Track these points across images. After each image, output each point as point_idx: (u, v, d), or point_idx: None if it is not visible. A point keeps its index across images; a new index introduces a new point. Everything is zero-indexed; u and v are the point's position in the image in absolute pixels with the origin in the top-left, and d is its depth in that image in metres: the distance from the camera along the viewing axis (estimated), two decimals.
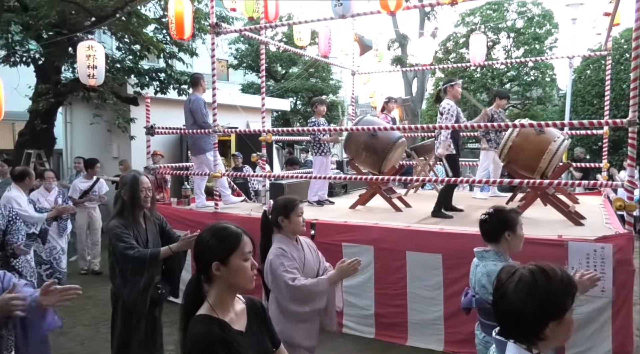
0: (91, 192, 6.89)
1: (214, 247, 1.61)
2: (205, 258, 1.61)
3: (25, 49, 8.26)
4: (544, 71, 17.04)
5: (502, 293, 1.35)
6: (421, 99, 18.48)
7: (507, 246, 2.54)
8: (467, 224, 4.77)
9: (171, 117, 8.71)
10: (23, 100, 8.60)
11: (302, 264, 2.72)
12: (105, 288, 6.07)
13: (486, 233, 2.60)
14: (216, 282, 1.61)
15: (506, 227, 2.52)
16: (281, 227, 2.76)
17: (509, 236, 2.51)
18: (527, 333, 1.32)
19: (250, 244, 1.65)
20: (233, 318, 1.62)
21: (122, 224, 2.99)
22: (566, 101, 11.20)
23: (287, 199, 2.86)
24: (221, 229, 1.65)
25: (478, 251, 2.62)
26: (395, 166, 6.13)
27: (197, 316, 1.58)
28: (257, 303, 1.76)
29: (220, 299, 1.61)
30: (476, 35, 7.91)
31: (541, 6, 17.15)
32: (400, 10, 4.65)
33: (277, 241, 2.75)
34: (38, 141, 8.73)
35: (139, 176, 3.09)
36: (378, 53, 8.83)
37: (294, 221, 2.75)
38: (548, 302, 1.29)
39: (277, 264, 2.62)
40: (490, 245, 2.58)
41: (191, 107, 5.74)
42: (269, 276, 2.66)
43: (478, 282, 2.51)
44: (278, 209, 2.77)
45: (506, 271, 1.40)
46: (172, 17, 5.23)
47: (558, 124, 4.72)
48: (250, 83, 17.69)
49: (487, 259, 2.53)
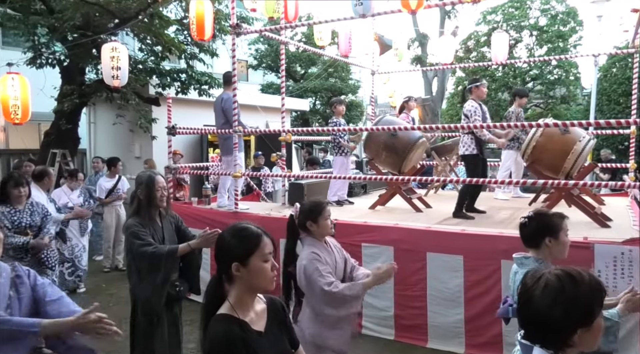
0: (115, 190, 7.01)
1: (234, 247, 1.60)
2: (225, 258, 1.61)
3: (51, 51, 8.45)
4: (567, 70, 16.69)
5: (527, 298, 1.31)
6: (441, 99, 18.29)
7: (549, 253, 2.35)
8: (489, 225, 4.71)
9: (191, 117, 8.81)
10: (49, 101, 8.80)
11: (334, 267, 2.71)
12: (127, 286, 6.19)
13: (526, 238, 2.44)
14: (236, 282, 1.61)
15: (547, 232, 2.34)
16: (310, 231, 2.74)
17: (550, 242, 2.33)
18: (553, 339, 1.28)
19: (271, 245, 1.64)
20: (253, 318, 1.62)
21: (138, 222, 3.02)
22: (591, 100, 10.95)
23: (314, 203, 2.81)
24: (241, 230, 1.65)
25: (517, 257, 2.45)
26: (415, 166, 6.09)
27: (217, 316, 1.58)
28: (277, 304, 1.75)
29: (241, 299, 1.61)
30: (498, 33, 7.79)
31: (565, 3, 16.81)
32: (421, 9, 4.60)
33: (308, 244, 2.73)
34: (63, 141, 8.92)
35: (154, 176, 3.11)
36: (398, 52, 8.78)
37: (323, 225, 2.73)
38: (576, 309, 1.24)
39: (312, 269, 2.60)
40: (531, 251, 2.42)
41: (224, 106, 5.68)
42: (303, 281, 2.64)
43: (516, 290, 2.36)
44: (305, 213, 2.74)
45: (531, 275, 1.35)
46: (193, 18, 5.27)
47: (584, 123, 4.61)
48: (270, 83, 17.76)
49: (526, 266, 2.34)
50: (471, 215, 5.15)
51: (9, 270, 2.13)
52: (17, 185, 3.88)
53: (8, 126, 11.57)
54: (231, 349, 1.50)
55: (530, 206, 5.95)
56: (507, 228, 4.51)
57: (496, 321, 4.00)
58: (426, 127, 6.12)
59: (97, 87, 8.44)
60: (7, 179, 3.95)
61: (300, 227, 2.77)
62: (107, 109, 10.07)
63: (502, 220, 5.11)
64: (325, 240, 2.80)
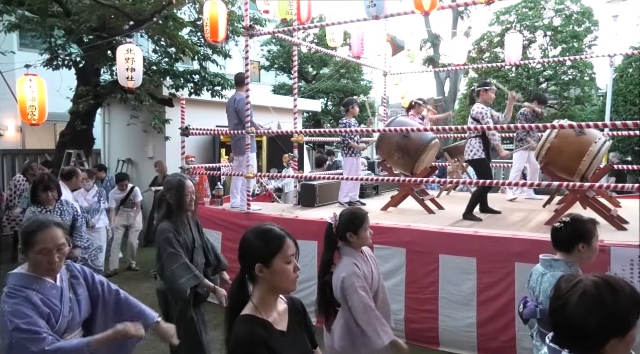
0: (127, 201, 7.10)
1: (257, 248, 1.62)
2: (249, 259, 1.63)
3: (67, 52, 8.57)
4: (582, 70, 16.46)
5: (562, 303, 1.27)
6: (454, 100, 18.18)
7: (579, 257, 2.42)
8: (502, 227, 4.67)
9: (204, 118, 8.87)
10: (64, 102, 8.93)
11: (370, 277, 2.70)
12: (140, 285, 6.26)
13: (558, 241, 2.47)
14: (259, 283, 1.63)
15: (581, 238, 2.40)
16: (349, 241, 2.71)
17: (582, 248, 2.40)
18: (584, 346, 1.25)
19: (294, 246, 1.66)
20: (276, 318, 1.64)
21: (173, 228, 3.06)
22: (606, 101, 10.79)
23: (354, 213, 2.78)
24: (265, 231, 1.66)
25: (545, 259, 2.49)
26: (427, 167, 6.06)
27: (241, 316, 1.60)
28: (297, 304, 1.78)
29: (264, 299, 1.63)
30: (511, 34, 7.73)
31: (580, 3, 16.59)
32: (434, 10, 4.58)
33: (347, 255, 2.71)
34: (78, 141, 9.03)
35: (184, 180, 3.15)
36: (410, 53, 8.75)
37: (363, 236, 2.71)
38: (613, 319, 1.21)
39: (349, 283, 2.59)
40: (560, 254, 2.46)
41: (236, 106, 5.73)
42: (339, 292, 2.62)
43: (544, 292, 2.39)
44: (345, 224, 2.71)
45: (566, 279, 1.32)
46: (207, 20, 5.31)
47: (599, 124, 4.54)
48: (282, 84, 17.81)
49: (556, 269, 2.40)
50: (480, 217, 5.11)
51: (65, 271, 2.11)
52: (46, 189, 4.05)
53: (24, 126, 11.76)
54: (254, 350, 1.52)
55: (544, 208, 5.90)
56: (520, 230, 4.48)
57: (510, 325, 3.97)
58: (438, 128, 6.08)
59: (112, 88, 8.53)
60: (37, 183, 4.12)
61: (339, 237, 2.73)
62: (121, 110, 10.18)
63: (515, 222, 5.07)
64: (361, 249, 2.78)
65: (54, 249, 1.97)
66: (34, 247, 1.95)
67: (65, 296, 2.03)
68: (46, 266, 1.98)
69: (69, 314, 2.01)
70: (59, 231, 2.02)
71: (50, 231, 1.99)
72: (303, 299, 5.39)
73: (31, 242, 1.96)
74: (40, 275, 2.00)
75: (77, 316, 2.05)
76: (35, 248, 1.95)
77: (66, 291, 2.04)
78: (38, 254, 1.96)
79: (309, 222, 5.05)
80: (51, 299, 1.98)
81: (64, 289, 2.04)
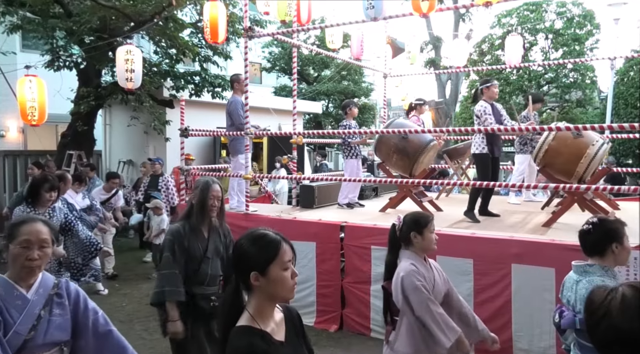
0: (107, 203, 6.87)
1: (252, 256, 1.53)
2: (243, 267, 1.54)
3: (69, 53, 8.62)
4: (584, 73, 16.47)
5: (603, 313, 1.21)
6: (455, 102, 18.18)
7: (613, 260, 2.29)
8: (500, 229, 4.67)
9: (205, 120, 8.90)
10: (65, 103, 8.97)
11: (431, 286, 2.58)
12: (140, 286, 6.27)
13: (590, 245, 2.34)
14: (255, 292, 1.54)
15: (613, 238, 2.27)
16: (412, 243, 2.63)
17: (616, 248, 2.26)
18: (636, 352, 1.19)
19: (290, 251, 1.56)
20: (274, 328, 1.56)
21: (180, 231, 2.92)
22: (607, 104, 10.79)
23: (419, 214, 2.71)
24: (259, 237, 1.56)
25: (579, 265, 2.35)
26: (426, 169, 6.06)
27: (238, 328, 1.51)
28: (293, 312, 1.70)
29: (260, 309, 1.54)
30: (512, 36, 7.74)
31: (581, 6, 16.60)
32: (433, 12, 4.59)
33: (406, 257, 2.62)
34: (79, 142, 9.08)
35: (211, 183, 3.00)
36: (411, 55, 8.76)
37: (427, 238, 2.61)
38: None
39: (408, 281, 2.49)
40: (592, 259, 2.33)
41: (228, 108, 5.85)
42: (400, 294, 2.52)
43: (582, 300, 2.23)
44: (410, 224, 2.63)
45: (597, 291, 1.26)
46: (207, 21, 5.33)
47: (597, 127, 4.55)
48: (283, 86, 17.85)
49: (592, 275, 2.26)
50: (478, 218, 5.12)
51: (51, 285, 1.92)
52: (51, 189, 3.86)
53: (26, 127, 11.81)
54: None
55: (543, 211, 5.90)
56: (518, 232, 4.48)
57: (506, 326, 3.98)
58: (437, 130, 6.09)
59: (113, 89, 8.57)
60: (43, 181, 3.89)
61: (401, 239, 2.66)
62: (122, 111, 10.23)
63: (513, 224, 5.07)
64: (425, 257, 2.70)
65: (36, 243, 1.86)
66: (16, 238, 1.85)
67: (31, 312, 1.82)
68: (24, 262, 1.83)
69: (29, 333, 1.79)
70: (45, 228, 1.92)
71: (36, 225, 1.89)
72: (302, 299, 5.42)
73: (14, 234, 1.87)
74: (15, 279, 1.86)
75: (40, 338, 1.81)
76: (17, 240, 1.85)
77: (36, 307, 1.83)
78: (19, 247, 1.84)
79: (308, 224, 5.06)
80: (9, 309, 1.79)
81: (33, 304, 1.83)
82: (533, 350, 3.87)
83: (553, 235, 4.27)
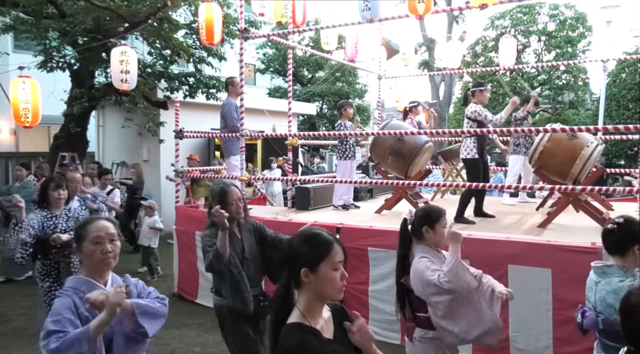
0: None
1: (304, 253, 1.57)
2: (294, 264, 1.57)
3: (62, 54, 8.55)
4: (576, 75, 16.61)
5: None
6: (448, 103, 18.26)
7: (634, 261, 2.29)
8: (495, 230, 4.69)
9: (199, 121, 8.87)
10: (58, 104, 8.90)
11: None
12: None
13: (612, 245, 2.36)
14: (305, 289, 1.57)
15: (636, 240, 2.28)
16: (424, 238, 2.64)
17: (638, 250, 2.28)
18: None
19: (342, 253, 1.60)
20: (323, 325, 1.58)
21: (213, 233, 2.92)
22: (600, 105, 10.89)
23: (431, 209, 2.71)
24: (313, 236, 1.60)
25: (598, 266, 2.37)
26: (421, 170, 6.08)
27: (289, 325, 1.53)
28: (339, 309, 1.71)
29: (310, 306, 1.57)
30: (506, 38, 7.79)
31: (574, 9, 16.74)
32: (428, 14, 4.61)
33: (420, 251, 2.64)
34: (72, 144, 9.00)
35: (227, 188, 3.00)
36: (405, 57, 8.80)
37: (440, 232, 2.63)
38: None
39: (422, 268, 2.52)
40: (613, 259, 2.35)
41: (222, 111, 5.88)
42: (419, 285, 2.54)
43: (602, 301, 2.27)
44: (422, 219, 2.65)
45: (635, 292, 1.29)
46: (202, 22, 5.32)
47: (591, 128, 4.58)
48: (277, 87, 17.84)
49: (611, 275, 2.29)
50: (472, 220, 5.13)
51: (120, 281, 2.07)
52: (57, 187, 3.86)
53: (18, 129, 11.71)
54: None
55: (538, 211, 5.92)
56: (513, 233, 4.50)
57: (503, 326, 3.98)
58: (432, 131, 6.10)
59: (107, 90, 8.52)
60: (48, 182, 3.94)
61: (413, 233, 2.67)
62: (115, 113, 10.16)
63: (508, 225, 5.09)
64: (439, 250, 2.69)
65: (107, 238, 2.00)
66: (87, 237, 1.98)
67: None
68: (100, 256, 1.98)
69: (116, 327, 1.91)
70: (110, 223, 2.07)
71: (102, 222, 2.05)
72: None
73: (84, 235, 1.99)
74: (93, 277, 2.00)
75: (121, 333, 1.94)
76: (89, 238, 1.98)
77: None
78: (91, 244, 1.97)
79: (303, 226, 5.04)
80: None
81: None
82: (530, 350, 3.87)
83: (548, 236, 4.29)
